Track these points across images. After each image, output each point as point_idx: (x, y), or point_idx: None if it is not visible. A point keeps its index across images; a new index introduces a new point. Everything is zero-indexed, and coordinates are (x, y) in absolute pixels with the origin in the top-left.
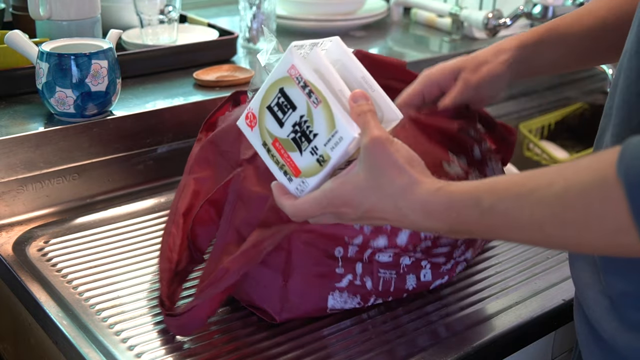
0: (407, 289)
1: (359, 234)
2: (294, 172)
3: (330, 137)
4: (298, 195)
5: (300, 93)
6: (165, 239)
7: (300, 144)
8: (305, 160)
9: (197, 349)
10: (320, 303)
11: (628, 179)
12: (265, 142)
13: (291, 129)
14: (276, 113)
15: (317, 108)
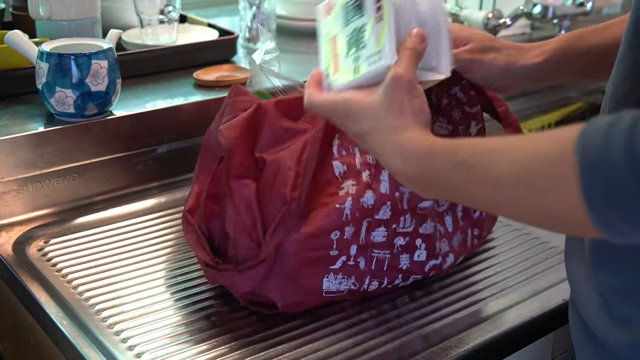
0: (401, 269)
1: (347, 197)
2: (334, 69)
3: (374, 54)
4: (326, 91)
5: (372, 4)
6: (187, 237)
7: (350, 48)
8: (346, 64)
9: (197, 348)
10: (316, 286)
11: (583, 154)
12: (328, 33)
13: (351, 31)
14: (348, 12)
15: (378, 24)
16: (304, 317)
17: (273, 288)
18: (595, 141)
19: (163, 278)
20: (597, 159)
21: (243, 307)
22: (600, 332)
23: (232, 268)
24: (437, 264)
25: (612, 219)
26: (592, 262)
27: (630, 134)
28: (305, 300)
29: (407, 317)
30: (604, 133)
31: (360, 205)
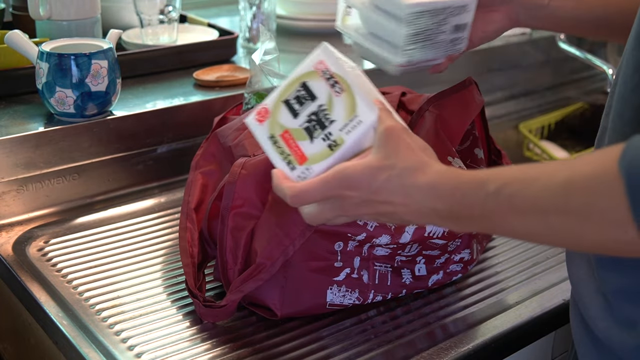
0: (405, 284)
1: (362, 231)
2: (298, 160)
3: (349, 122)
4: None
5: (324, 84)
6: (182, 234)
7: (313, 131)
8: (314, 147)
9: (197, 349)
10: (319, 298)
11: (629, 176)
12: (272, 135)
13: (306, 118)
14: (292, 106)
15: (340, 96)
16: (305, 317)
17: (272, 297)
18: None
19: (163, 278)
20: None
21: (243, 307)
22: (604, 334)
23: (198, 302)
24: (440, 279)
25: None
26: (596, 263)
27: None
28: (306, 311)
29: (408, 317)
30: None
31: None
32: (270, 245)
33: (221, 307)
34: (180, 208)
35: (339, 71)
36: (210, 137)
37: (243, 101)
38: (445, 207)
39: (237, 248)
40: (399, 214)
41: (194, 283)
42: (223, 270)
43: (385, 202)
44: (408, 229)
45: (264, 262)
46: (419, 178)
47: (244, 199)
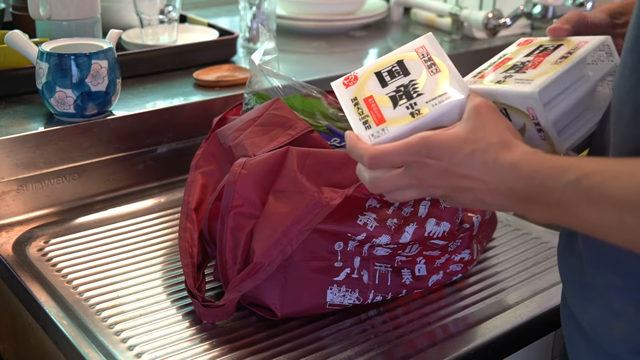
0: (405, 284)
1: (362, 231)
2: (376, 121)
3: (437, 97)
4: (371, 142)
5: (419, 64)
6: (182, 234)
7: (398, 100)
8: (396, 113)
9: (197, 349)
10: (319, 298)
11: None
12: (356, 97)
13: (394, 89)
14: (384, 77)
15: (434, 76)
16: (305, 317)
17: (272, 297)
18: None
19: (163, 278)
20: None
21: (243, 307)
22: (591, 327)
23: (197, 302)
24: (440, 279)
25: None
26: (586, 257)
27: None
28: (306, 311)
29: (408, 317)
30: None
31: (371, 241)
32: (268, 244)
33: (220, 307)
34: (180, 208)
35: (439, 55)
36: (210, 137)
37: (243, 101)
38: (524, 189)
39: (237, 248)
40: (475, 190)
41: (193, 283)
42: (222, 270)
43: (464, 177)
44: (408, 229)
45: (262, 261)
46: (502, 155)
47: (244, 198)
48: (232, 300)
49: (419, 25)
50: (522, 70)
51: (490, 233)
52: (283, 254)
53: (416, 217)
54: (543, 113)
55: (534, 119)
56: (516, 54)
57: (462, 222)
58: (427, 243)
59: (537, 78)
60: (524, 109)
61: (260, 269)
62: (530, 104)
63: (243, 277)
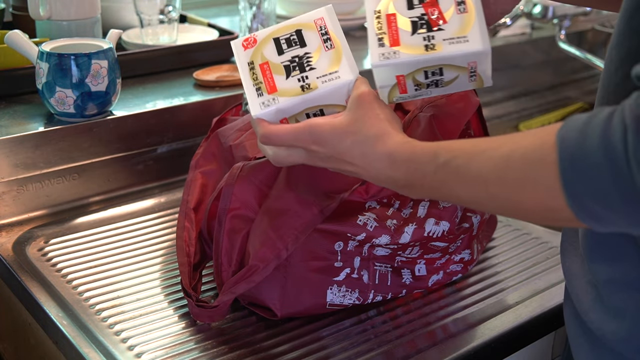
0: (405, 284)
1: (362, 231)
2: (268, 89)
3: (328, 74)
4: (261, 110)
5: (316, 37)
6: (179, 233)
7: (291, 70)
8: (287, 84)
9: (197, 349)
10: (319, 298)
11: (561, 144)
12: (252, 62)
13: (289, 58)
14: (281, 44)
15: (328, 51)
16: (305, 317)
17: (272, 297)
18: (574, 133)
19: (163, 278)
20: (575, 149)
21: (243, 307)
22: (595, 326)
23: (191, 302)
24: (440, 279)
25: (593, 209)
26: (586, 254)
27: (606, 124)
28: (306, 311)
29: (408, 317)
30: (583, 125)
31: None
32: (264, 247)
33: (213, 308)
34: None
35: (335, 31)
36: (211, 136)
37: (242, 102)
38: (401, 176)
39: (233, 250)
40: (360, 174)
41: (188, 282)
42: (218, 271)
43: (348, 163)
44: (407, 229)
45: (257, 264)
46: (378, 147)
47: (242, 201)
48: (226, 302)
49: None
50: (434, 27)
51: (490, 233)
52: (278, 257)
53: (415, 218)
54: (488, 62)
55: (472, 70)
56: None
57: (462, 221)
58: (428, 246)
59: (467, 33)
60: (465, 64)
61: (255, 271)
62: (475, 59)
63: (237, 279)
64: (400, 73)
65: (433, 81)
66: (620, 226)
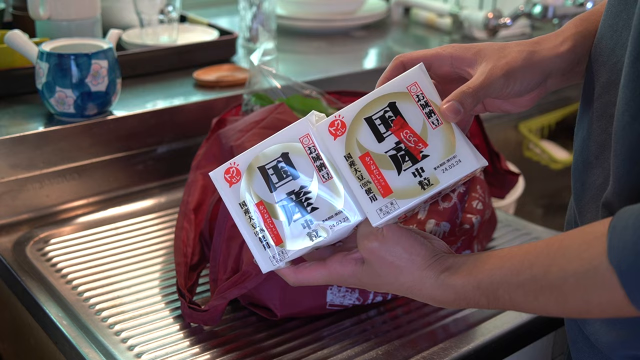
0: None
1: None
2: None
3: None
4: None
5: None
6: (178, 233)
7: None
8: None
9: (197, 349)
10: (319, 298)
11: (620, 269)
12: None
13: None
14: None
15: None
16: (305, 317)
17: (272, 297)
18: (627, 246)
19: (163, 278)
20: (635, 264)
21: (243, 307)
22: (595, 338)
23: (184, 302)
24: None
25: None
26: None
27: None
28: (306, 311)
29: (408, 317)
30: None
31: None
32: None
33: (204, 312)
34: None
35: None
36: (212, 137)
37: (242, 102)
38: (452, 304)
39: (229, 258)
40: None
41: (184, 283)
42: (214, 278)
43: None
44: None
45: (250, 270)
46: (418, 294)
47: None
48: (217, 307)
49: (418, 25)
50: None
51: (490, 233)
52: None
53: (416, 220)
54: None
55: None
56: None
57: (462, 223)
58: None
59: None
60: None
61: (247, 278)
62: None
63: (230, 284)
64: (402, 214)
65: None
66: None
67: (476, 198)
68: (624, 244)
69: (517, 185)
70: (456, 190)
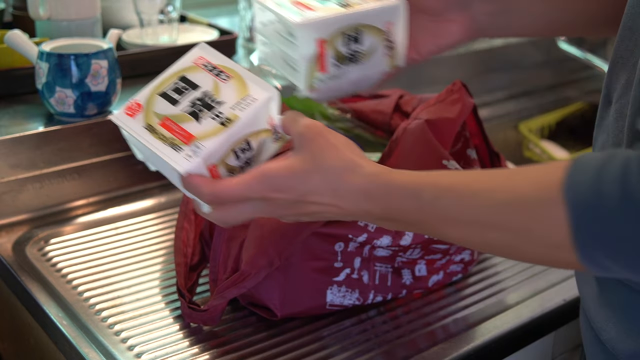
0: (405, 284)
1: (363, 232)
2: (185, 140)
3: (241, 101)
4: (189, 162)
5: (206, 75)
6: (178, 233)
7: (199, 113)
8: (202, 127)
9: (197, 349)
10: (319, 298)
11: (572, 202)
12: (149, 124)
13: (188, 104)
14: (171, 96)
15: (227, 82)
16: (305, 317)
17: (272, 297)
18: (585, 187)
19: (163, 278)
20: (589, 204)
21: (243, 307)
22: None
23: (184, 302)
24: (440, 280)
25: (599, 259)
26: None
27: (623, 177)
28: (306, 311)
29: (408, 317)
30: (595, 178)
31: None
32: (256, 254)
33: (203, 312)
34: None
35: (221, 62)
36: None
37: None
38: (380, 211)
39: (229, 258)
40: (329, 213)
41: (184, 283)
42: (214, 278)
43: (316, 203)
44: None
45: (248, 270)
46: (349, 180)
47: None
48: (216, 307)
49: None
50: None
51: None
52: (270, 264)
53: None
54: (401, 28)
55: (389, 36)
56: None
57: None
58: (429, 247)
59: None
60: (381, 25)
61: (246, 277)
62: (392, 18)
63: (229, 284)
64: (321, 36)
65: (352, 53)
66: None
67: None
68: (582, 179)
69: None
70: None
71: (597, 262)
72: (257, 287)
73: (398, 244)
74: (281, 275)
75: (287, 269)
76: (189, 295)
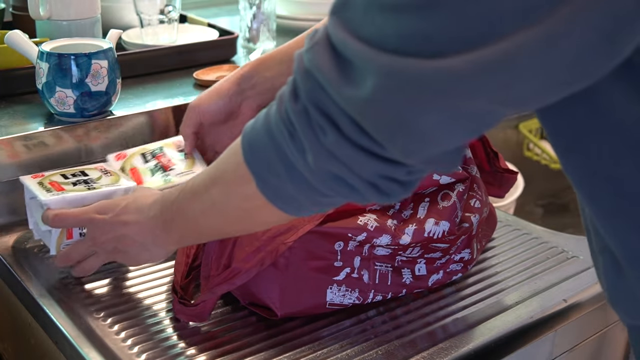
0: (405, 283)
1: (362, 231)
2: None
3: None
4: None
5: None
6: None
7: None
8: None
9: (197, 349)
10: (319, 297)
11: (243, 137)
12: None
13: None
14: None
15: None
16: (305, 317)
17: (272, 297)
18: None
19: (163, 278)
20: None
21: (243, 307)
22: None
23: (176, 298)
24: (440, 279)
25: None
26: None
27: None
28: (306, 310)
29: (408, 317)
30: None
31: (371, 242)
32: (248, 252)
33: (193, 306)
34: None
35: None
36: None
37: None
38: (160, 211)
39: (223, 255)
40: (132, 234)
41: (179, 280)
42: (206, 276)
43: (123, 223)
44: (407, 230)
45: (239, 267)
46: (147, 199)
47: None
48: (206, 302)
49: None
50: None
51: (490, 233)
52: (261, 263)
53: (415, 219)
54: None
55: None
56: None
57: (462, 221)
58: (429, 247)
59: None
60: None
61: (237, 274)
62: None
63: (219, 280)
64: None
65: None
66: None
67: (473, 196)
68: (250, 129)
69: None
70: (455, 189)
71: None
72: (257, 287)
73: (397, 242)
74: (281, 275)
75: (287, 269)
76: (182, 292)
